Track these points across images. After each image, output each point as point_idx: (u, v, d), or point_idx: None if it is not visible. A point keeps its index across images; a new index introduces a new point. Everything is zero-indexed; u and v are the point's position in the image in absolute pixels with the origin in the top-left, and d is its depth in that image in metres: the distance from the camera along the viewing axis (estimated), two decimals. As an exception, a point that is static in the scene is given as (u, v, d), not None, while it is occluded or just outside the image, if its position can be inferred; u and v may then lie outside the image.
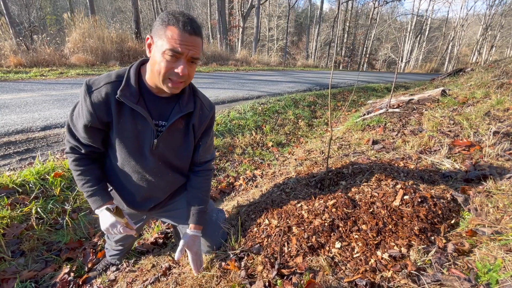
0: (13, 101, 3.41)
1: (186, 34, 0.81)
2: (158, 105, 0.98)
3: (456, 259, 0.96)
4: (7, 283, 1.35)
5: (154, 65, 0.86)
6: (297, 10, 32.13)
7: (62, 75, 5.77)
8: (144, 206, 1.16)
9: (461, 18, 24.15)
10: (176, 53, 0.82)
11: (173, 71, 0.85)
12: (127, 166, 1.03)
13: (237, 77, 7.72)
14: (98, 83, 0.91)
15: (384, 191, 1.32)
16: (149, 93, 0.96)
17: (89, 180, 1.03)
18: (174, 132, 1.01)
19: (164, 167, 1.07)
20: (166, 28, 0.81)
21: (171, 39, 0.80)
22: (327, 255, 1.05)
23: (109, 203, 1.05)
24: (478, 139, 2.01)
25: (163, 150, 1.02)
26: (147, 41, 0.88)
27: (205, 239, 1.23)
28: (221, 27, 14.14)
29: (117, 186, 1.13)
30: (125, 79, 0.92)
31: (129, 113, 0.93)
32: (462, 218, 1.19)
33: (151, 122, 0.95)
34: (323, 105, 5.05)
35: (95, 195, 1.03)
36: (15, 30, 7.30)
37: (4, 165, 2.03)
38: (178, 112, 0.98)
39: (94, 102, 0.90)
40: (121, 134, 0.96)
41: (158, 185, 1.10)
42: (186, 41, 0.81)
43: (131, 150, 0.99)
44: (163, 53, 0.82)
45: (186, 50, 0.82)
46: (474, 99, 3.18)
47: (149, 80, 0.94)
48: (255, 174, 2.63)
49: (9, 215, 1.62)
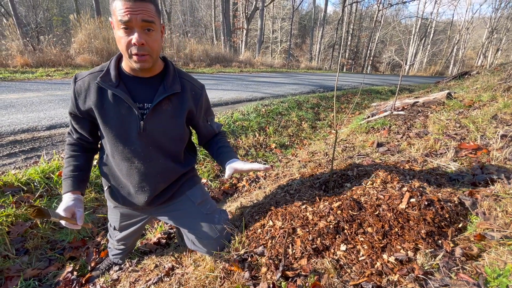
0: (19, 101, 3.44)
1: (129, 2, 0.81)
2: (140, 88, 1.00)
3: (464, 263, 0.94)
4: (11, 281, 1.35)
5: (118, 44, 0.89)
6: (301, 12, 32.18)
7: (67, 75, 5.82)
8: (140, 200, 1.12)
9: (466, 21, 23.99)
10: (125, 22, 0.82)
11: (131, 43, 0.85)
12: (116, 154, 1.04)
13: (241, 78, 7.73)
14: (83, 74, 1.00)
15: (390, 193, 1.30)
16: (127, 77, 0.99)
17: (71, 165, 1.08)
18: (160, 114, 1.01)
19: (155, 151, 1.06)
20: (112, 3, 0.84)
21: (118, 11, 0.82)
22: (332, 257, 1.03)
23: (74, 192, 1.04)
24: (485, 142, 1.98)
25: (151, 132, 1.01)
26: (112, 25, 0.90)
27: (208, 240, 1.22)
28: (225, 29, 14.20)
29: (113, 181, 1.14)
30: (106, 67, 0.98)
31: (111, 98, 0.97)
32: (470, 222, 1.17)
33: (132, 104, 0.96)
34: (326, 107, 5.03)
35: (68, 180, 1.06)
36: (22, 31, 7.40)
37: (10, 163, 2.05)
38: (162, 93, 0.99)
39: (76, 89, 0.98)
40: (106, 120, 0.99)
41: (149, 173, 1.08)
42: (130, 7, 0.81)
43: (118, 135, 1.01)
44: (118, 29, 0.85)
45: (133, 16, 0.81)
46: (481, 102, 3.14)
47: (125, 64, 0.98)
48: (258, 175, 2.62)
49: (14, 213, 1.63)
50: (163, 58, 1.06)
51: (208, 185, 2.46)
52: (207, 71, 8.94)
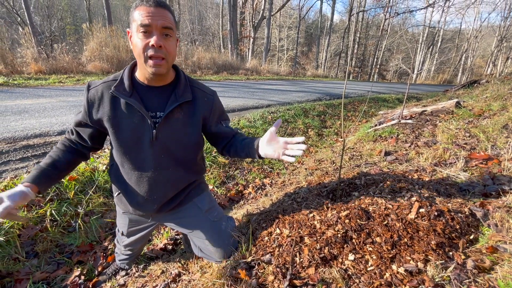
0: (32, 106, 3.54)
1: (151, 8, 0.87)
2: (153, 97, 1.02)
3: (476, 276, 0.92)
4: (21, 283, 1.37)
5: (135, 49, 0.92)
6: (308, 21, 32.49)
7: (78, 82, 5.98)
8: (148, 207, 1.14)
9: (475, 30, 23.84)
10: (146, 26, 0.87)
11: (149, 46, 0.89)
12: (126, 163, 1.06)
13: (247, 86, 7.80)
14: (97, 83, 1.02)
15: (398, 203, 1.29)
16: (141, 87, 1.01)
17: (49, 158, 1.07)
18: (172, 122, 1.03)
19: (166, 160, 1.07)
20: (134, 11, 0.89)
21: (139, 16, 0.87)
22: (340, 267, 1.02)
23: (28, 185, 0.98)
24: (496, 152, 1.95)
25: (163, 140, 1.03)
26: (128, 35, 0.94)
27: (214, 247, 1.22)
28: (232, 37, 14.43)
29: (122, 188, 1.15)
30: (119, 77, 1.00)
31: (124, 107, 0.99)
32: (482, 234, 1.14)
33: (145, 114, 0.98)
34: (333, 115, 5.03)
35: (34, 171, 1.03)
36: (37, 39, 7.66)
37: (22, 167, 2.10)
38: (174, 102, 1.01)
39: (90, 98, 1.01)
40: (118, 130, 1.00)
41: (159, 181, 1.09)
42: (152, 13, 0.87)
43: (130, 144, 1.02)
44: (137, 33, 0.89)
45: (154, 21, 0.87)
46: (491, 112, 3.10)
47: (139, 73, 1.01)
48: (264, 182, 2.62)
49: (25, 216, 1.66)
50: (175, 68, 1.09)
51: (214, 192, 2.46)
52: (214, 79, 9.06)
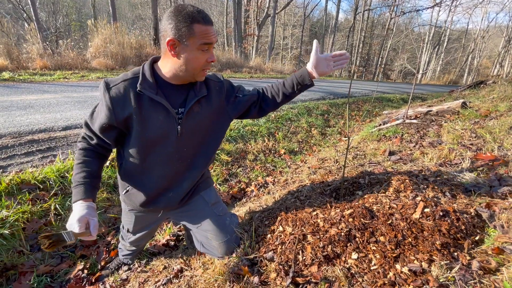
0: (37, 102, 3.57)
1: (210, 27, 0.93)
2: (175, 94, 1.04)
3: (482, 277, 0.91)
4: (25, 276, 1.38)
5: (189, 61, 0.95)
6: (312, 19, 32.29)
7: (83, 78, 6.01)
8: (161, 203, 1.16)
9: (482, 30, 23.53)
10: (209, 44, 0.94)
11: (208, 61, 0.98)
12: (149, 158, 1.07)
13: (251, 84, 7.79)
14: (116, 80, 0.99)
15: (403, 202, 1.28)
16: (165, 84, 1.03)
17: (84, 171, 1.02)
18: (193, 116, 1.06)
19: (189, 153, 1.12)
20: (192, 26, 0.90)
21: (203, 34, 0.92)
22: (343, 265, 1.02)
23: (87, 200, 0.98)
24: (502, 153, 1.92)
25: (187, 135, 1.07)
26: (170, 42, 0.92)
27: (217, 242, 1.22)
28: (236, 35, 14.40)
29: (135, 185, 1.14)
30: (141, 74, 0.99)
31: (149, 104, 0.99)
32: (487, 235, 1.13)
33: (172, 110, 1.00)
34: (336, 114, 5.00)
35: (80, 186, 1.00)
36: (43, 35, 7.70)
37: (27, 162, 2.12)
38: (193, 97, 1.05)
39: (113, 97, 0.96)
40: (145, 126, 1.00)
41: (179, 173, 1.13)
42: (212, 32, 0.94)
43: (156, 140, 1.04)
44: (198, 48, 0.93)
45: (214, 39, 0.95)
46: (497, 112, 3.06)
47: (168, 73, 1.01)
48: (267, 180, 2.62)
49: (30, 210, 1.68)
50: None
51: (217, 189, 2.46)
52: (218, 76, 9.04)
